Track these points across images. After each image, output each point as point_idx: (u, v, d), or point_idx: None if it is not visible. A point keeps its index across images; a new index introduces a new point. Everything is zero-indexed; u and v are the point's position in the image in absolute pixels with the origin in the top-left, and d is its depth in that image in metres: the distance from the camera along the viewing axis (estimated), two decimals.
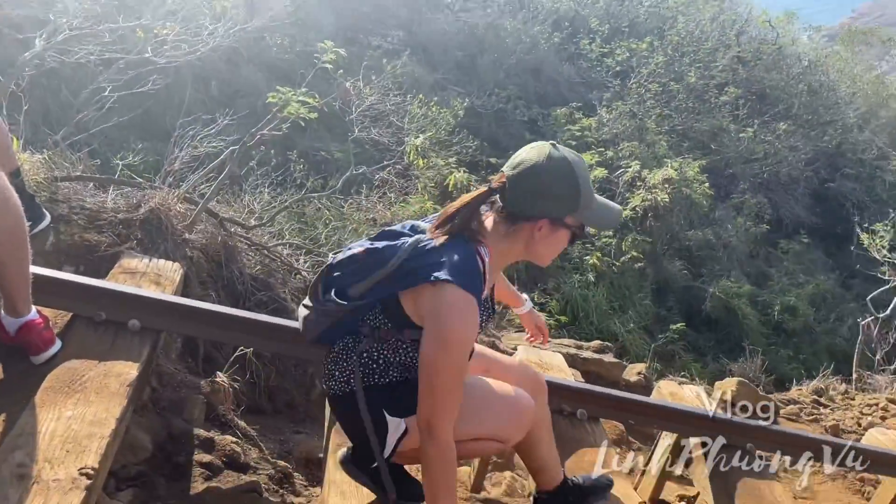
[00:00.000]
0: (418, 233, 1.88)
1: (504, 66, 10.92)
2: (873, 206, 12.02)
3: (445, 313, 1.71)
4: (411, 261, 1.77)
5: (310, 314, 1.96)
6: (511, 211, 1.80)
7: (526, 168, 1.77)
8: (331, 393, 1.99)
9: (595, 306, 7.84)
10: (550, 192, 1.78)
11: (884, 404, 5.82)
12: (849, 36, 17.08)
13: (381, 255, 1.81)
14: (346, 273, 1.88)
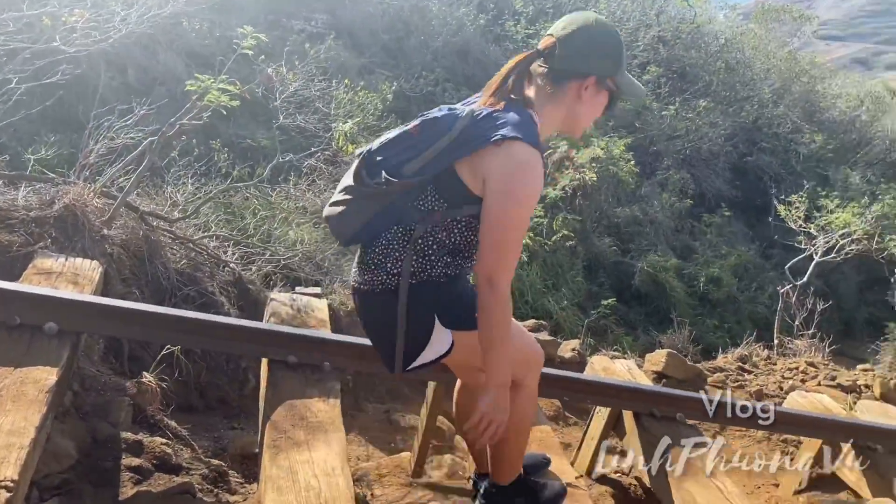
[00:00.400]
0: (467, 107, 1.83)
1: (431, 49, 10.86)
2: (789, 179, 12.55)
3: (516, 169, 1.71)
4: (470, 128, 1.76)
5: (347, 208, 1.86)
6: (561, 69, 1.83)
7: (578, 27, 1.82)
8: (367, 287, 1.91)
9: (529, 285, 7.93)
10: (600, 51, 1.84)
11: (803, 367, 6.12)
12: (762, 13, 17.69)
13: (440, 125, 1.78)
14: (396, 152, 1.82)
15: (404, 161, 1.80)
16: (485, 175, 1.74)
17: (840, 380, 5.96)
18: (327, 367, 2.80)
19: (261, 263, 4.60)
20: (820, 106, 15.39)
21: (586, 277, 8.92)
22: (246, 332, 2.75)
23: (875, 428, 3.56)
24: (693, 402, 3.36)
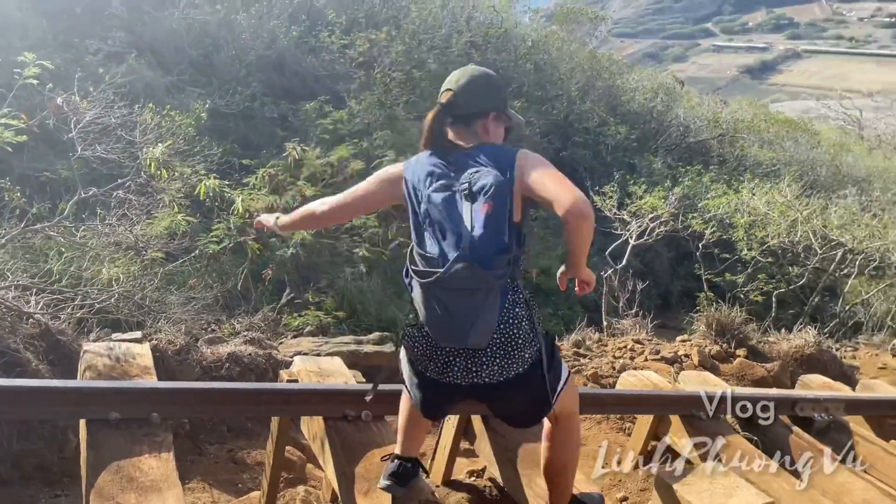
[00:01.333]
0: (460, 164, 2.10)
1: (245, 63, 10.50)
2: (601, 169, 13.46)
3: (536, 156, 2.11)
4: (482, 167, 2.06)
5: (481, 314, 1.98)
6: (466, 114, 2.19)
7: (469, 78, 2.22)
8: (514, 373, 2.09)
9: (371, 296, 7.89)
10: (491, 90, 2.24)
11: (631, 345, 6.55)
12: (562, 16, 18.85)
13: (498, 183, 2.01)
14: (491, 233, 1.98)
15: (496, 232, 1.99)
16: (523, 176, 2.05)
17: (664, 353, 6.44)
18: (156, 419, 2.58)
19: (72, 309, 4.18)
20: (621, 99, 16.67)
21: None
22: (56, 394, 2.47)
23: (697, 396, 3.86)
24: None
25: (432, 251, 2.05)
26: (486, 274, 1.95)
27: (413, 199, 2.14)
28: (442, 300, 2.00)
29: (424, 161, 2.16)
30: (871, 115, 31.07)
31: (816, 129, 22.98)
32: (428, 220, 2.08)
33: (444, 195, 2.05)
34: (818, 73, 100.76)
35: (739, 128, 18.16)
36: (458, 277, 1.95)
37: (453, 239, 2.00)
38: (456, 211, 2.02)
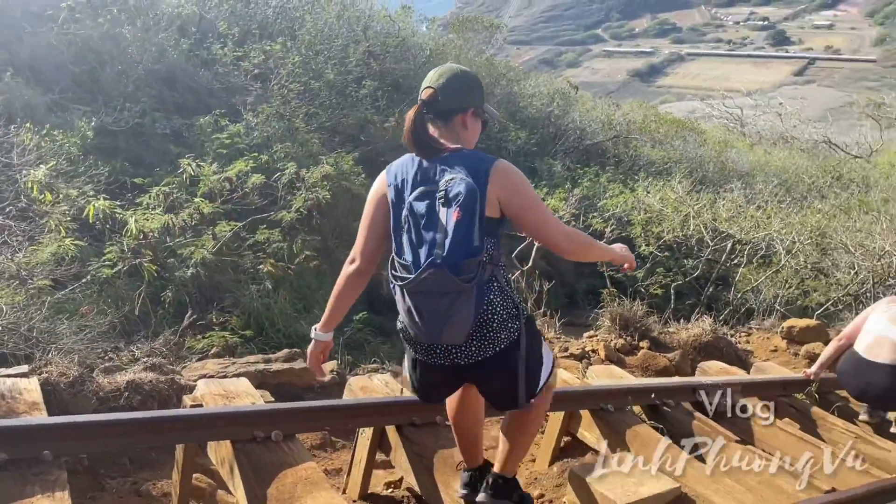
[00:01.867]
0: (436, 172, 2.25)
1: (132, 78, 10.05)
2: None
3: (515, 170, 2.29)
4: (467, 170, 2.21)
5: (455, 313, 2.15)
6: (446, 109, 2.33)
7: (450, 75, 2.35)
8: (491, 352, 2.26)
9: (279, 313, 7.70)
10: (469, 87, 2.37)
11: None
12: (459, 24, 19.10)
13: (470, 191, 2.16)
14: (460, 239, 2.13)
15: (467, 240, 2.16)
16: (499, 190, 2.23)
17: (572, 349, 6.59)
18: (48, 457, 2.42)
19: None
20: (520, 105, 17.04)
21: None
22: None
23: (604, 390, 3.98)
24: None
25: (408, 258, 2.22)
26: (456, 278, 2.13)
27: (394, 204, 2.32)
28: (415, 303, 2.20)
29: (408, 165, 2.32)
30: (751, 112, 33.01)
31: (702, 128, 24.25)
32: (406, 226, 2.23)
33: (425, 203, 2.21)
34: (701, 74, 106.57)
35: (632, 129, 18.93)
36: (428, 282, 2.15)
37: (426, 246, 2.17)
38: (434, 217, 2.18)
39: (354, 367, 6.03)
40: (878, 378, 4.43)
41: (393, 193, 2.32)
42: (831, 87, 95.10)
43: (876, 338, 4.52)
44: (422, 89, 2.37)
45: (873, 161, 24.34)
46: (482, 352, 2.27)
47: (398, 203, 2.29)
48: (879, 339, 4.50)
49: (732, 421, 4.25)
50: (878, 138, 27.09)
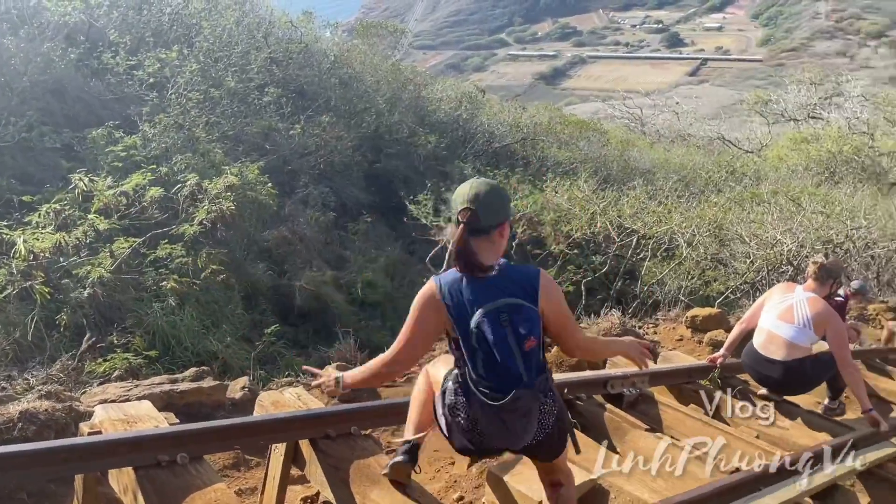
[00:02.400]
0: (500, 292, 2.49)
1: (17, 91, 9.45)
2: (415, 178, 13.72)
3: (554, 282, 2.63)
4: (514, 297, 2.49)
5: (531, 419, 2.54)
6: (486, 226, 2.50)
7: (484, 195, 2.49)
8: (542, 435, 2.60)
9: (186, 330, 7.41)
10: (502, 202, 2.56)
11: None
12: (363, 30, 19.02)
13: (531, 314, 2.48)
14: (530, 357, 2.46)
15: (539, 360, 2.53)
16: (545, 304, 2.52)
17: None
18: None
19: None
20: (428, 109, 17.12)
21: (247, 308, 8.65)
22: None
23: None
24: (361, 413, 3.42)
25: (489, 378, 2.47)
26: (537, 395, 2.50)
27: (458, 326, 2.49)
28: (503, 419, 2.49)
29: (460, 287, 2.51)
30: (650, 112, 34.38)
31: (605, 128, 25.05)
32: (479, 351, 2.46)
33: (491, 329, 2.43)
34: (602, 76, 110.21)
35: (539, 131, 19.34)
36: (517, 403, 2.45)
37: (507, 368, 2.43)
38: (506, 345, 2.43)
39: (268, 382, 5.87)
40: (773, 372, 4.77)
41: (455, 312, 2.50)
42: (723, 86, 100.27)
43: (768, 334, 4.81)
44: (458, 208, 2.50)
45: (763, 155, 25.78)
46: (533, 434, 2.59)
47: (462, 324, 2.48)
48: (771, 335, 4.79)
49: (643, 410, 4.38)
50: (767, 133, 28.71)
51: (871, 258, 12.60)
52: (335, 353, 6.98)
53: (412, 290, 10.12)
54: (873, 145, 22.31)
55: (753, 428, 4.34)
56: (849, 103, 25.86)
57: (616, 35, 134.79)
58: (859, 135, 23.20)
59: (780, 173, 20.75)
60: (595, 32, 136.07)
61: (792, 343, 4.68)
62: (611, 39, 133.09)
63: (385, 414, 3.63)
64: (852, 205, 14.18)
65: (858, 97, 26.07)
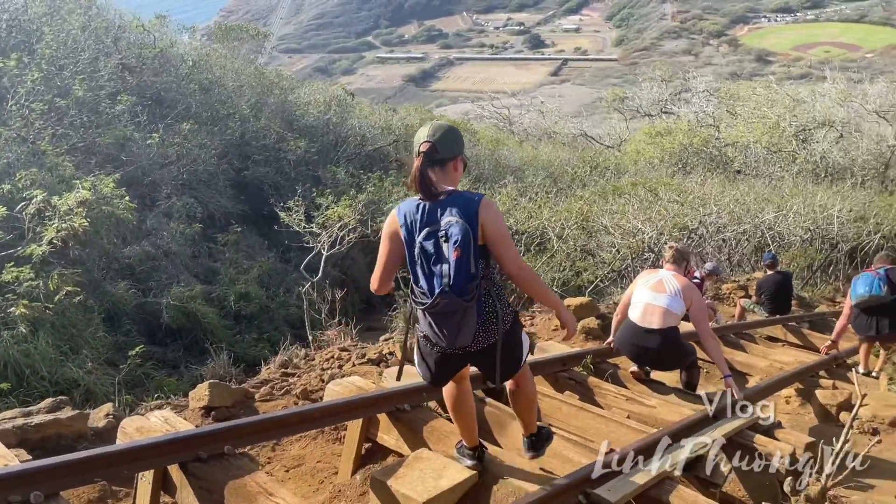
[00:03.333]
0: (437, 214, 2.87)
1: None
2: (286, 185, 13.40)
3: (494, 207, 2.93)
4: (462, 209, 2.85)
5: (465, 322, 2.86)
6: (443, 158, 2.94)
7: (443, 130, 2.98)
8: (493, 340, 2.96)
9: (41, 358, 6.85)
10: (458, 138, 3.02)
11: (337, 354, 6.58)
12: (223, 33, 18.35)
13: (464, 230, 2.80)
14: (460, 266, 2.79)
15: (468, 266, 2.82)
16: (484, 222, 2.87)
17: (369, 355, 6.57)
18: None
19: None
20: (296, 114, 16.76)
21: (109, 330, 8.11)
22: None
23: (399, 391, 3.99)
24: (235, 430, 3.28)
25: (423, 285, 2.88)
26: (461, 300, 2.81)
27: (407, 242, 2.92)
28: (432, 320, 2.93)
29: (414, 209, 2.92)
30: (517, 111, 35.40)
31: (476, 128, 25.55)
32: (420, 261, 2.87)
33: (431, 242, 2.85)
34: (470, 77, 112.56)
35: (411, 133, 19.40)
36: (441, 305, 2.82)
37: (436, 278, 2.83)
38: (440, 254, 2.83)
39: (136, 406, 5.52)
40: (651, 342, 5.06)
41: (405, 232, 2.92)
42: (583, 84, 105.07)
43: (645, 306, 5.12)
44: (419, 142, 2.96)
45: (623, 149, 27.19)
46: (486, 341, 2.97)
47: (410, 241, 2.90)
48: (648, 306, 5.10)
49: None
50: (625, 129, 30.30)
51: (723, 241, 13.58)
52: (208, 371, 6.68)
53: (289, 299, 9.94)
54: (719, 136, 24.04)
55: (624, 409, 4.53)
56: (696, 98, 27.73)
57: (481, 37, 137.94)
58: (706, 127, 24.93)
59: (638, 166, 21.98)
60: (460, 35, 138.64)
61: (668, 311, 5.03)
62: (476, 41, 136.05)
63: (262, 429, 3.49)
64: (703, 193, 15.23)
65: (704, 92, 27.99)
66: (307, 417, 3.71)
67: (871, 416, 5.43)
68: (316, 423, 3.85)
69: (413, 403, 3.98)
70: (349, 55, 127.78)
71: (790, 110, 22.92)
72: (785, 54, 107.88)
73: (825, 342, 7.60)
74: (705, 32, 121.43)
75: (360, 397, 3.92)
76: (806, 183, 19.02)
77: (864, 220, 15.51)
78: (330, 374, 5.92)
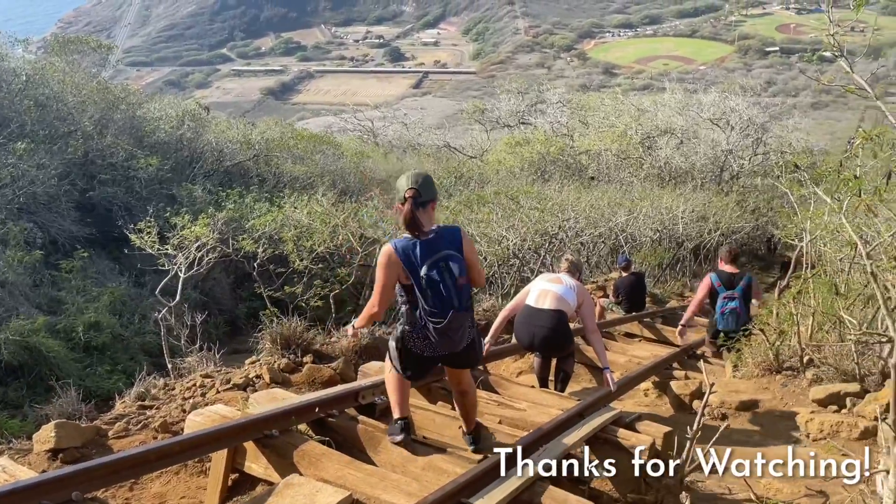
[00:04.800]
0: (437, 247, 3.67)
1: None
2: (138, 205, 12.63)
3: (468, 236, 3.86)
4: (451, 244, 3.69)
5: (464, 330, 3.78)
6: (424, 200, 3.63)
7: (422, 178, 3.72)
8: (467, 342, 3.82)
9: None
10: (433, 185, 3.74)
11: (200, 382, 6.24)
12: (60, 46, 17.08)
13: (460, 260, 3.71)
14: (462, 290, 3.72)
15: (465, 284, 3.76)
16: (465, 251, 3.73)
17: (235, 380, 6.28)
18: None
19: None
20: (146, 130, 15.86)
21: None
22: None
23: (265, 417, 3.83)
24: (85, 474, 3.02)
25: (436, 308, 3.63)
26: (468, 314, 3.76)
27: (412, 273, 3.60)
28: (448, 333, 3.67)
29: (411, 246, 3.63)
30: (381, 124, 35.44)
31: (339, 141, 25.31)
32: (428, 288, 3.60)
33: (435, 271, 3.59)
34: (332, 90, 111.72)
35: (272, 147, 18.91)
36: (453, 322, 3.65)
37: (447, 299, 3.62)
38: (446, 282, 3.61)
39: None
40: (543, 321, 5.66)
41: (407, 266, 3.60)
42: (444, 97, 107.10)
43: (541, 292, 5.80)
44: (403, 189, 3.63)
45: (485, 159, 27.90)
46: (465, 342, 3.78)
47: (415, 273, 3.60)
48: (543, 291, 5.78)
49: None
50: (486, 139, 31.13)
51: (581, 244, 14.25)
52: (54, 410, 6.13)
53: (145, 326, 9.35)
54: (573, 145, 25.23)
55: (496, 414, 4.60)
56: (551, 109, 28.96)
57: (340, 50, 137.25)
58: (562, 137, 26.09)
59: (500, 175, 22.62)
60: (319, 47, 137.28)
61: (562, 297, 5.70)
62: (336, 54, 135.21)
63: (114, 470, 3.23)
64: (561, 199, 15.90)
65: (558, 104, 29.30)
66: (166, 453, 3.48)
67: (720, 403, 5.84)
68: (176, 458, 3.61)
69: (281, 428, 3.83)
70: (203, 68, 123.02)
71: (636, 119, 24.46)
72: (628, 67, 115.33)
73: (676, 335, 8.12)
74: (556, 46, 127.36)
75: (223, 427, 3.72)
76: (653, 187, 20.35)
77: (704, 219, 16.80)
78: (192, 404, 5.61)
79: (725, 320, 6.89)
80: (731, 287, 6.90)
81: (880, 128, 4.34)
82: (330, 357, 6.92)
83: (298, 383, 6.20)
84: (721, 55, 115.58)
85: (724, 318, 6.90)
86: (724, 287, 6.91)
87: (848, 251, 6.12)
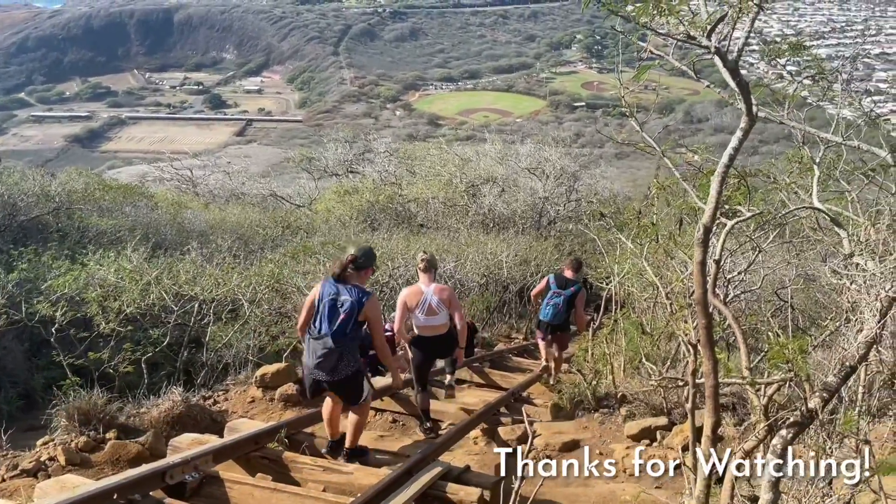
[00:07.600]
0: (342, 292, 5.10)
1: None
2: None
3: (375, 301, 5.25)
4: (356, 298, 5.07)
5: (342, 360, 4.99)
6: (359, 266, 5.24)
7: (364, 250, 5.44)
8: (348, 373, 5.03)
9: None
10: (372, 257, 5.52)
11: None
12: None
13: (352, 306, 5.04)
14: (343, 326, 5.00)
15: (354, 325, 5.04)
16: (365, 310, 5.10)
17: (24, 465, 5.52)
18: None
19: None
20: None
21: None
22: None
23: None
24: None
25: (318, 327, 5.00)
26: (334, 344, 4.92)
27: (318, 301, 5.08)
28: (319, 353, 4.95)
29: (330, 286, 5.11)
30: (201, 172, 33.88)
31: (154, 192, 23.81)
32: (319, 314, 5.02)
33: (330, 305, 5.00)
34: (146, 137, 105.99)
35: (75, 199, 17.36)
36: (325, 342, 4.92)
37: (327, 325, 4.95)
38: (330, 313, 4.97)
39: None
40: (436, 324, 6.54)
41: (320, 296, 5.10)
42: (270, 145, 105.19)
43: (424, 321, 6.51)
44: (347, 253, 5.29)
45: (314, 208, 27.52)
46: (345, 373, 4.92)
47: (320, 301, 5.05)
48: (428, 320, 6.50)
49: (208, 494, 4.05)
50: (315, 188, 30.78)
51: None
52: None
53: None
54: (402, 193, 25.60)
55: (321, 480, 4.36)
56: (378, 158, 29.30)
57: (156, 96, 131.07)
58: (390, 185, 26.40)
59: (330, 224, 22.36)
60: (132, 93, 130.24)
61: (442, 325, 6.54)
62: (151, 100, 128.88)
63: None
64: (391, 247, 15.94)
65: (385, 152, 29.73)
66: None
67: (544, 445, 5.98)
68: None
69: None
70: None
71: (460, 168, 25.34)
72: (452, 118, 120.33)
73: (505, 378, 8.34)
74: (382, 97, 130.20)
75: None
76: (478, 233, 21.05)
77: (527, 262, 17.57)
78: None
79: (545, 311, 8.43)
80: (563, 289, 8.25)
81: (671, 179, 4.72)
82: (138, 431, 6.31)
83: (100, 463, 5.57)
84: (535, 108, 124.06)
85: (545, 309, 8.45)
86: (557, 286, 8.29)
87: (651, 292, 6.58)
